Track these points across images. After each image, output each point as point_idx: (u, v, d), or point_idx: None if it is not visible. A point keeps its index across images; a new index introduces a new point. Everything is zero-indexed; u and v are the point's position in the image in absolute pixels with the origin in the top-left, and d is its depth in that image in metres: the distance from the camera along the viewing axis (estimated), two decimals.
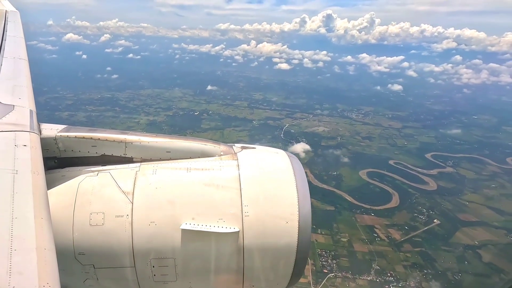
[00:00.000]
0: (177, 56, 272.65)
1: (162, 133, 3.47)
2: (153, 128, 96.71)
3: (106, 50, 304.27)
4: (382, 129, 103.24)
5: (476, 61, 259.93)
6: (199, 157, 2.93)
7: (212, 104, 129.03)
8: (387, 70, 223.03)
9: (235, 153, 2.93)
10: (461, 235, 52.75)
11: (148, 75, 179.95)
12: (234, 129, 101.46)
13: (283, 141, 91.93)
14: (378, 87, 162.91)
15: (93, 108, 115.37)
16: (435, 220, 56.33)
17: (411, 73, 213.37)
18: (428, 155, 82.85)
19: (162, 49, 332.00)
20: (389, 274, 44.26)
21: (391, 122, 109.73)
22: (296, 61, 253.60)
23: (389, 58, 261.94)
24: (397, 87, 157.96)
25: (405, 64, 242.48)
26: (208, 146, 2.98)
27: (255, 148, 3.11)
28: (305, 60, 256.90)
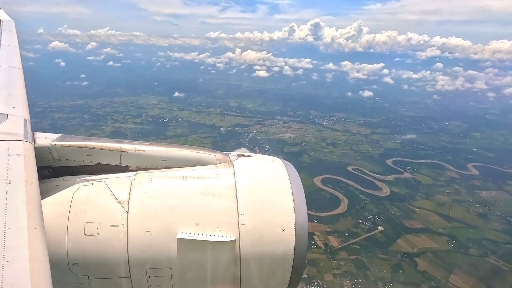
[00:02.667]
0: (158, 63, 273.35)
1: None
2: (116, 135, 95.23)
3: (88, 57, 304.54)
4: (350, 135, 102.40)
5: (457, 68, 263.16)
6: (195, 166, 2.89)
7: (184, 111, 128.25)
8: (365, 77, 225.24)
9: (231, 161, 2.90)
10: (403, 243, 51.21)
11: (128, 82, 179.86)
12: (199, 136, 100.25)
13: (246, 148, 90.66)
14: (350, 94, 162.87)
15: (61, 116, 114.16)
16: (379, 227, 54.81)
17: (387, 80, 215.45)
18: (389, 161, 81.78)
19: (147, 57, 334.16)
20: (316, 284, 42.47)
21: (360, 128, 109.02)
22: (276, 69, 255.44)
23: (369, 66, 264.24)
24: (368, 94, 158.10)
25: (385, 71, 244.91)
26: (204, 154, 2.95)
27: (251, 156, 3.07)
28: (286, 67, 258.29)
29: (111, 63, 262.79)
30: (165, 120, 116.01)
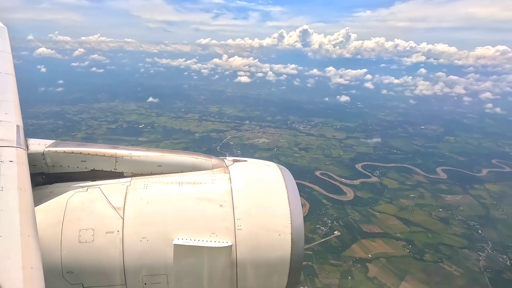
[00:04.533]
0: (142, 70, 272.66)
1: None
2: (86, 141, 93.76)
3: (73, 64, 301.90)
4: (324, 140, 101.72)
5: (439, 73, 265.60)
6: (190, 171, 2.89)
7: (162, 117, 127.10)
8: (347, 82, 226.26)
9: (227, 166, 2.91)
10: (357, 248, 49.98)
11: (110, 88, 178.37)
12: (172, 141, 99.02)
13: (218, 153, 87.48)
14: (327, 99, 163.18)
15: (34, 122, 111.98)
16: (336, 232, 53.59)
17: (368, 85, 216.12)
18: (358, 165, 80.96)
19: (133, 63, 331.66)
20: None
21: (336, 133, 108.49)
22: (260, 74, 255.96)
23: (353, 71, 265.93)
24: (345, 98, 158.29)
25: (368, 76, 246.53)
26: (200, 159, 2.95)
27: (246, 161, 3.10)
28: (269, 73, 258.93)
29: (94, 69, 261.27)
30: (141, 126, 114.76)
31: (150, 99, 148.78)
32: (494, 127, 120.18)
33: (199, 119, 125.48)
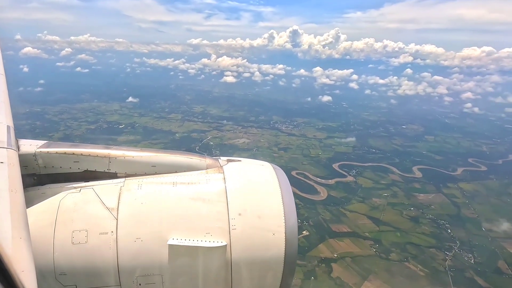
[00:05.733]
0: (128, 69, 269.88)
1: None
2: (63, 141, 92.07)
3: (58, 64, 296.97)
4: (304, 139, 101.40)
5: (425, 74, 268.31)
6: (185, 171, 2.88)
7: (144, 117, 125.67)
8: (332, 82, 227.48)
9: (221, 166, 2.92)
10: (324, 248, 49.53)
11: (95, 88, 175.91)
12: (151, 142, 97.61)
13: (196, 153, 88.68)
14: (309, 99, 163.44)
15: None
16: (304, 232, 53.04)
17: (352, 85, 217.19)
18: (335, 165, 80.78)
19: (121, 63, 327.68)
20: None
21: (317, 133, 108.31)
22: (247, 74, 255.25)
23: (339, 72, 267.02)
24: (327, 98, 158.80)
25: (354, 76, 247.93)
26: (194, 159, 2.95)
27: (240, 161, 3.12)
28: (256, 73, 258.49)
29: (78, 69, 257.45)
30: (121, 126, 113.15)
31: (134, 99, 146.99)
32: (474, 127, 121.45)
33: (182, 119, 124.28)
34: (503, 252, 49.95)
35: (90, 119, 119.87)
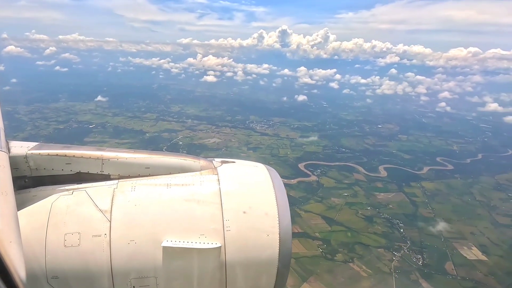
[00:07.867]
0: (110, 69, 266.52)
1: None
2: (26, 141, 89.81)
3: (38, 62, 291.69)
4: (276, 139, 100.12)
5: (409, 74, 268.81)
6: (179, 173, 2.86)
7: (118, 117, 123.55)
8: (313, 82, 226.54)
9: (215, 168, 2.91)
10: None
11: (75, 88, 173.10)
12: (118, 142, 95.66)
13: None
14: (285, 98, 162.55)
15: None
16: None
17: (333, 84, 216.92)
18: (302, 165, 79.50)
19: (104, 62, 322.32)
20: None
21: (290, 133, 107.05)
22: (230, 74, 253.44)
23: (322, 71, 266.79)
24: (302, 98, 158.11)
25: (338, 76, 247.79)
26: (188, 161, 2.94)
27: (234, 162, 3.11)
28: (239, 73, 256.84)
29: (57, 68, 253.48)
30: (91, 126, 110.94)
31: (105, 98, 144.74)
32: (449, 126, 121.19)
33: (156, 119, 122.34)
34: (453, 253, 48.96)
35: (61, 118, 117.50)
